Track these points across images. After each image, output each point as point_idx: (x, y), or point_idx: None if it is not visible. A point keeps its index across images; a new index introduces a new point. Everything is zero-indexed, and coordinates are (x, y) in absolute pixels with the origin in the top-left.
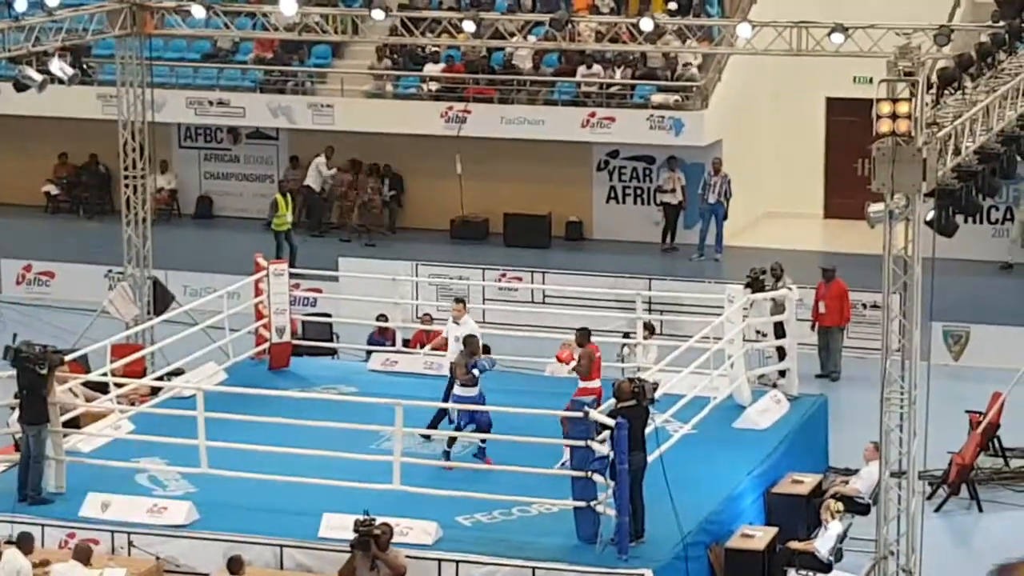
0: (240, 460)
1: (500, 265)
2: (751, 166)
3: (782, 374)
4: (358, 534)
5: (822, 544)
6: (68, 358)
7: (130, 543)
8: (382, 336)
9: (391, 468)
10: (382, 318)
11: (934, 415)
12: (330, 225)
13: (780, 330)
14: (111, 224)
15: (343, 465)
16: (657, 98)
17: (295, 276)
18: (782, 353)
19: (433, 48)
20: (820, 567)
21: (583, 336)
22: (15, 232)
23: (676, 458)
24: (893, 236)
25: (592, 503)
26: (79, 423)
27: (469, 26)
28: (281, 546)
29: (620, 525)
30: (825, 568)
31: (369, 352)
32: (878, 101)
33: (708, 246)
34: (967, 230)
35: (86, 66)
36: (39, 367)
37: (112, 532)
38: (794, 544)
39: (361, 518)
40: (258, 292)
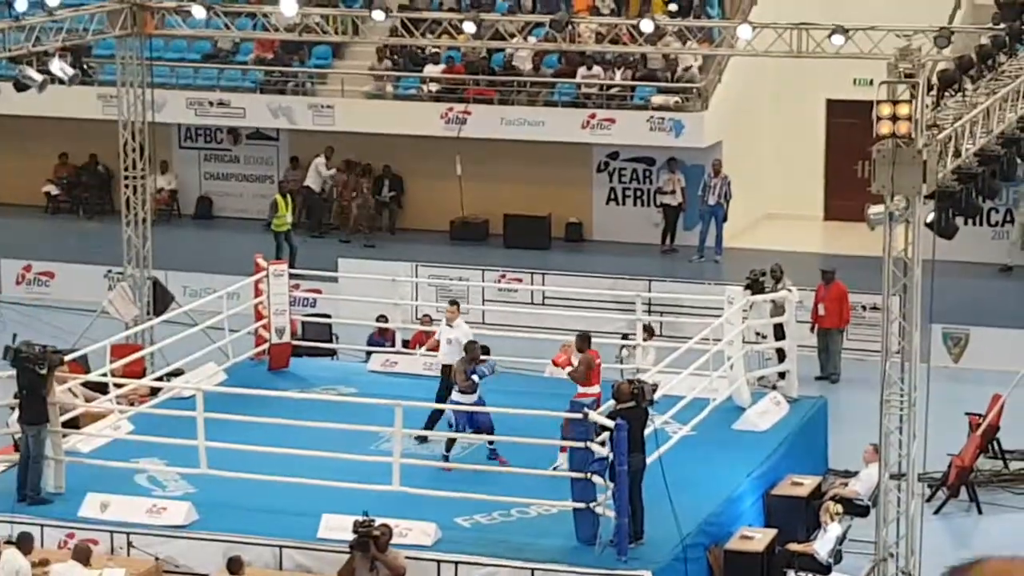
0: (239, 461)
1: (500, 266)
2: (751, 168)
3: (782, 376)
4: (357, 535)
5: (821, 546)
6: (68, 358)
7: (129, 543)
8: (382, 337)
9: (390, 469)
10: (382, 319)
11: (933, 417)
12: (330, 226)
13: (780, 332)
14: (111, 224)
15: (342, 466)
16: (657, 99)
17: (295, 277)
18: (782, 355)
19: (433, 49)
20: (819, 569)
21: (583, 341)
22: (15, 232)
23: (675, 460)
24: (893, 238)
25: (591, 504)
26: (78, 423)
27: (469, 27)
28: (280, 547)
29: (619, 526)
30: (824, 570)
31: (369, 353)
32: (878, 103)
33: (708, 248)
34: (967, 232)
35: (86, 66)
36: (39, 367)
37: (111, 532)
38: (793, 546)
39: (360, 519)
40: (258, 293)
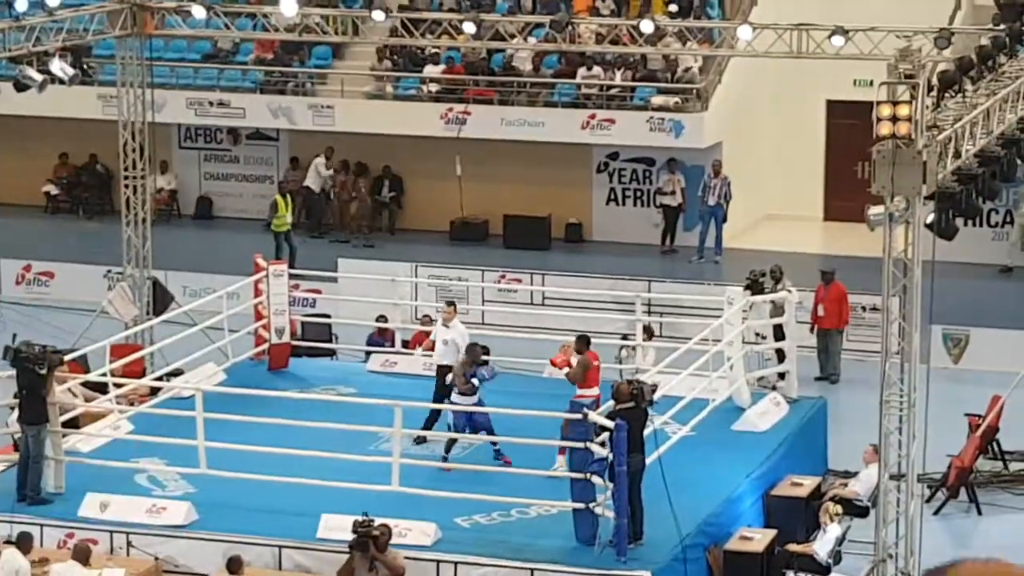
0: (239, 461)
1: (500, 267)
2: (751, 168)
3: (781, 376)
4: (357, 535)
5: (821, 546)
6: (67, 358)
7: (129, 543)
8: (381, 337)
9: (390, 469)
10: (381, 319)
11: (933, 418)
12: (329, 226)
13: (779, 332)
14: (111, 224)
15: (342, 466)
16: (657, 100)
17: (294, 277)
18: (781, 355)
19: (433, 49)
20: (819, 569)
21: (581, 343)
22: (15, 232)
23: (675, 460)
24: (893, 239)
25: (591, 505)
26: (78, 423)
27: (469, 27)
28: (280, 547)
29: (619, 527)
30: (824, 570)
31: (368, 353)
32: (878, 104)
33: (708, 248)
34: (967, 233)
35: (86, 66)
36: (39, 367)
37: (111, 532)
38: (793, 546)
39: (360, 519)
40: (257, 293)
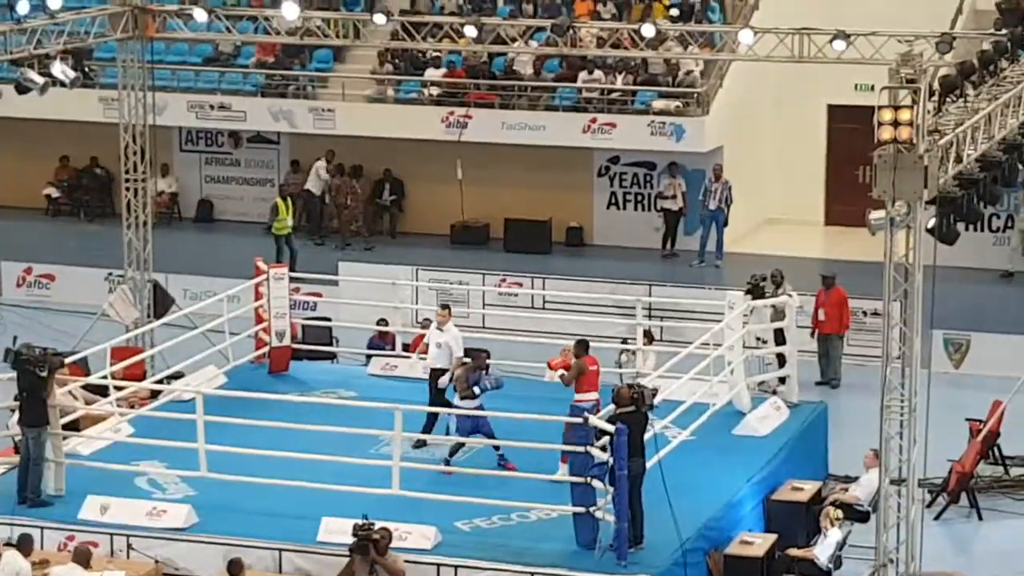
0: (239, 464)
1: (500, 270)
2: (752, 173)
3: (782, 381)
4: (357, 538)
5: (821, 551)
6: (68, 361)
7: (129, 546)
8: (382, 340)
9: (390, 472)
10: (382, 322)
11: (934, 423)
12: (329, 229)
13: (780, 337)
14: (112, 227)
15: (342, 469)
16: (658, 104)
17: (295, 280)
18: (782, 360)
19: (434, 53)
20: (819, 574)
21: (580, 348)
22: (16, 235)
23: (675, 464)
24: (894, 243)
25: (591, 509)
26: (79, 426)
27: (471, 31)
28: (280, 550)
29: (619, 531)
30: (824, 575)
31: (369, 356)
32: (880, 108)
33: (709, 252)
34: (968, 238)
35: (88, 69)
36: (39, 370)
37: (111, 535)
38: (793, 551)
39: (360, 522)
40: (258, 296)
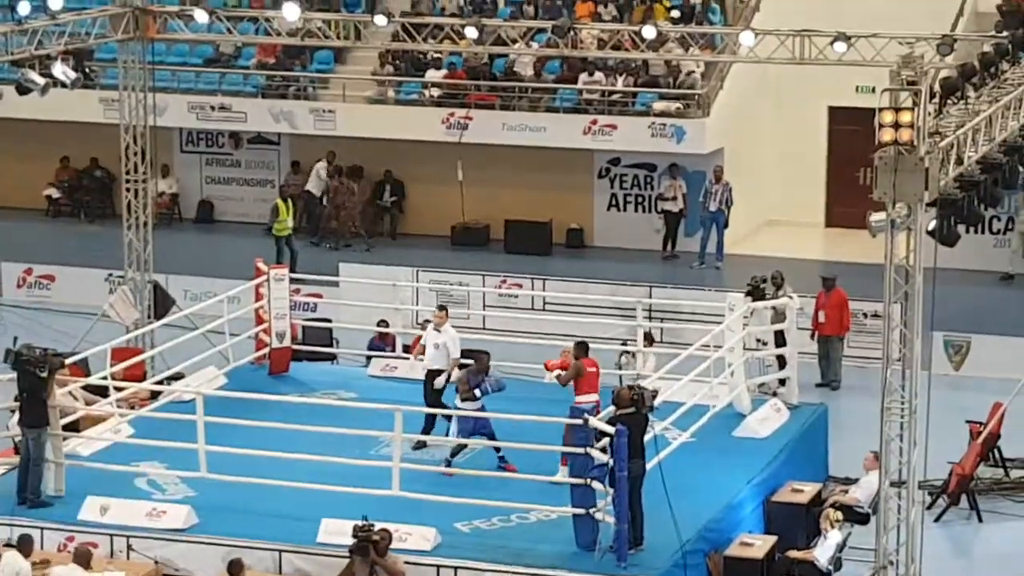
0: (239, 465)
1: (501, 272)
2: (752, 174)
3: (782, 383)
4: (357, 539)
5: (821, 553)
6: (68, 361)
7: (129, 547)
8: (382, 342)
9: (390, 474)
10: (382, 324)
11: (934, 425)
12: (328, 230)
13: (780, 339)
14: (112, 228)
15: (342, 470)
16: (659, 106)
17: (295, 281)
18: (782, 362)
19: (435, 54)
20: None
21: (580, 350)
22: (16, 235)
23: (675, 466)
24: (895, 245)
25: (591, 510)
26: (79, 426)
27: (471, 32)
28: (280, 551)
29: (619, 532)
30: None
31: (369, 357)
32: (881, 110)
33: (709, 254)
34: (968, 240)
35: (88, 70)
36: (39, 370)
37: (111, 535)
38: (793, 553)
39: (360, 523)
40: (258, 297)
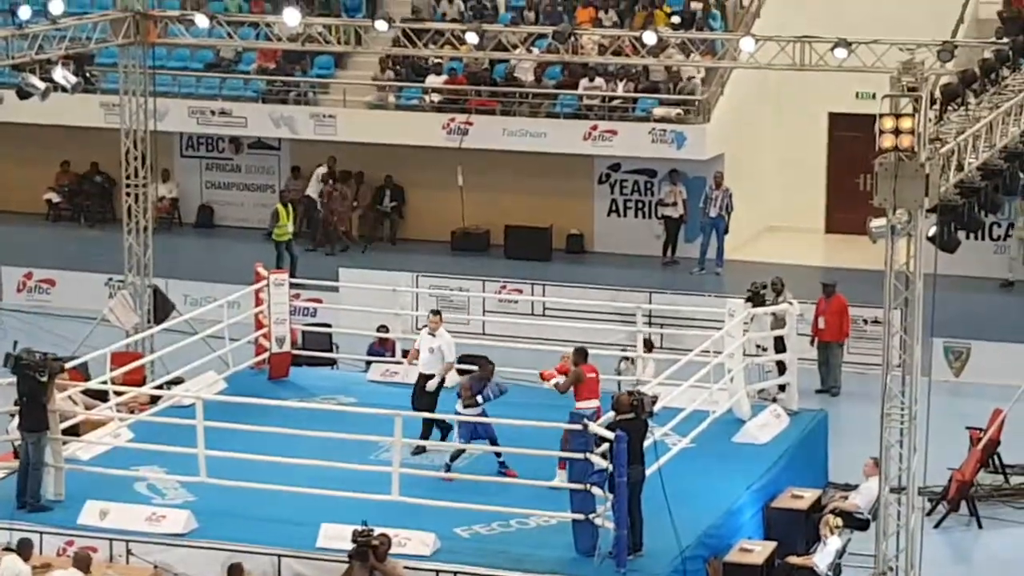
0: (239, 469)
1: (501, 277)
2: (753, 180)
3: (782, 388)
4: (356, 544)
5: (821, 559)
6: (68, 366)
7: (128, 551)
8: (382, 347)
9: (390, 479)
10: (383, 329)
11: (934, 431)
12: (324, 235)
13: (780, 345)
14: (112, 232)
15: (342, 475)
16: (659, 111)
17: (295, 286)
18: (782, 367)
19: (436, 60)
20: None
21: (579, 356)
22: (16, 239)
23: (675, 472)
24: (895, 251)
25: (591, 516)
26: (78, 431)
27: (472, 38)
28: (279, 556)
29: (618, 538)
30: None
31: (369, 363)
32: (881, 116)
33: (709, 260)
34: (968, 246)
35: (89, 74)
36: (39, 374)
37: (110, 540)
38: (793, 559)
39: (359, 528)
40: (258, 302)
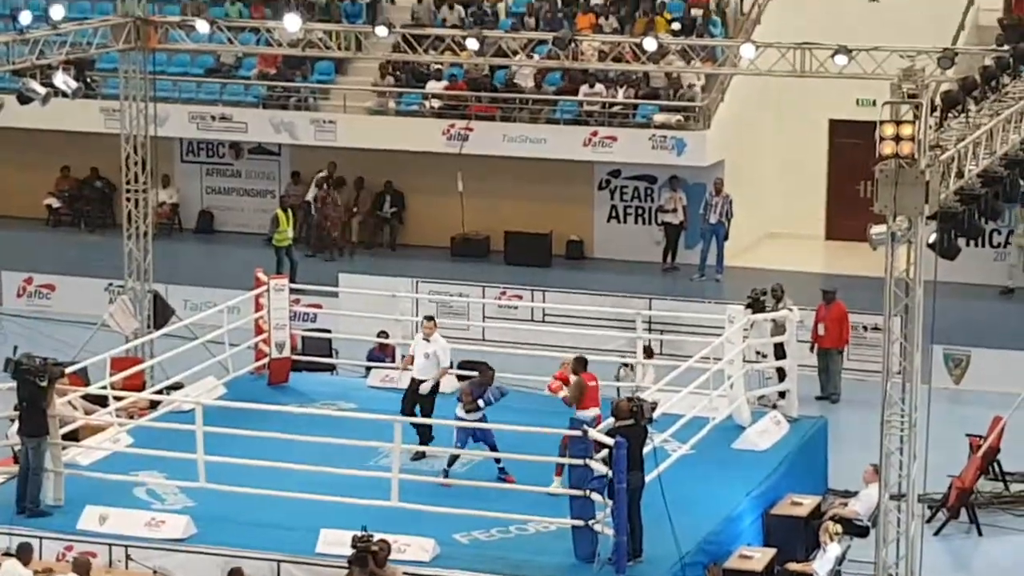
0: (238, 475)
1: (500, 283)
2: (753, 187)
3: (782, 395)
4: (356, 550)
5: (820, 566)
6: (68, 371)
7: (128, 556)
8: (382, 352)
9: (389, 484)
10: (383, 334)
11: (934, 438)
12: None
13: (780, 351)
14: (112, 237)
15: (341, 481)
16: (659, 118)
17: (295, 291)
18: (782, 374)
19: (436, 65)
20: None
21: (579, 364)
22: (16, 244)
23: (675, 478)
24: (895, 258)
25: (590, 522)
26: (78, 436)
27: (472, 44)
28: (279, 561)
29: (618, 544)
30: None
31: (368, 368)
32: (881, 123)
33: (709, 266)
34: (968, 253)
35: (90, 80)
36: (39, 379)
37: (110, 545)
38: (792, 566)
39: (359, 534)
40: (258, 307)
